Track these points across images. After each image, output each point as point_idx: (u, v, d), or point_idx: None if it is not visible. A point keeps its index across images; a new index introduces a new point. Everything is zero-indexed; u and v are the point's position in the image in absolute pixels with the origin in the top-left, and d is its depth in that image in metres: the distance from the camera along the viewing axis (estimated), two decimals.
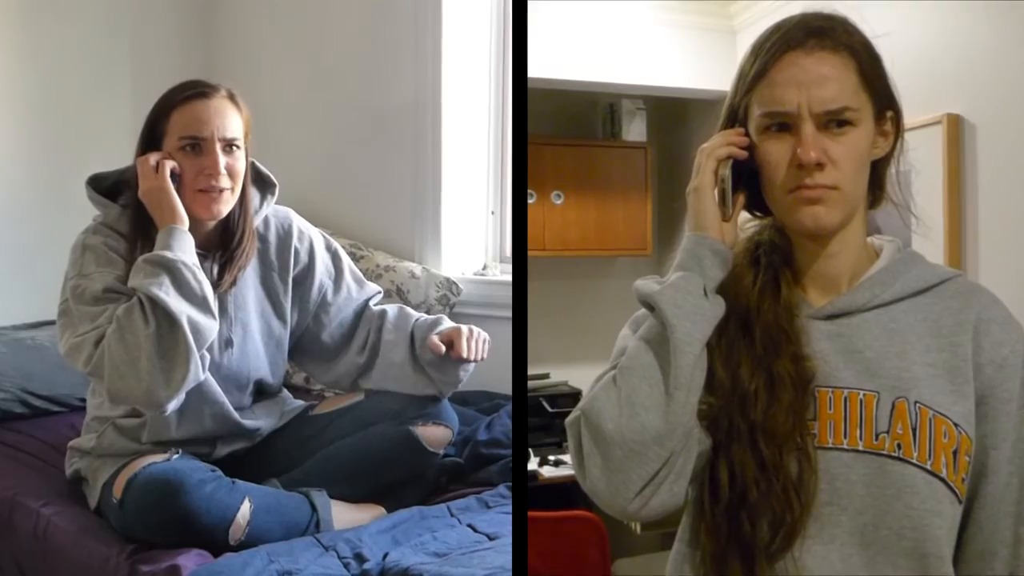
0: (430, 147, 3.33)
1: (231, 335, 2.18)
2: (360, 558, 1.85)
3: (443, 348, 2.20)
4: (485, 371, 3.07)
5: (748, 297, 1.27)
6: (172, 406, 1.96)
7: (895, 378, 1.21)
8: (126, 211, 2.13)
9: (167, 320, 1.90)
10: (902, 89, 1.28)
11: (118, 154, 3.69)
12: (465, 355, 2.22)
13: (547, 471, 3.69)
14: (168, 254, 1.97)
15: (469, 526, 2.03)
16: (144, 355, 1.89)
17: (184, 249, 2.00)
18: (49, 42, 3.62)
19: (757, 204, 1.32)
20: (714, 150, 1.27)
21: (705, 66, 3.84)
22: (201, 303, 1.97)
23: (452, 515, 2.12)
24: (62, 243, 3.58)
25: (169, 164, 2.04)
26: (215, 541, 1.93)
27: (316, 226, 3.37)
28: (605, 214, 4.19)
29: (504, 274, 3.36)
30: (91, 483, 2.17)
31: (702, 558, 1.24)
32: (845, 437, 1.20)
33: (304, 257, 2.32)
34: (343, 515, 2.10)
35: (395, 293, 3.22)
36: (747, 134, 1.27)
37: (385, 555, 1.85)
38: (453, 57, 3.33)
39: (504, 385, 2.98)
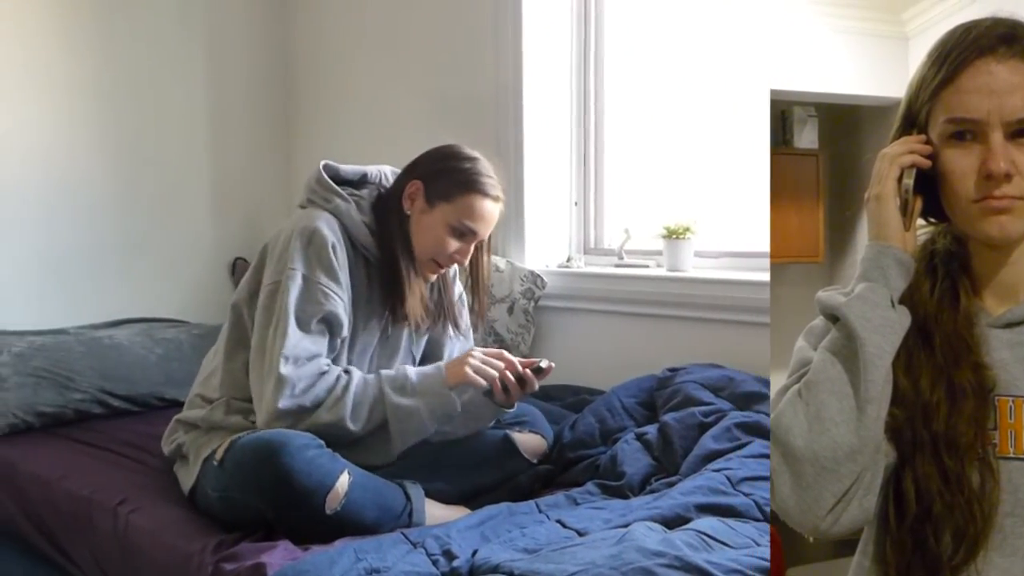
0: (512, 139, 3.30)
1: None
2: (449, 555, 1.80)
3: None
4: (571, 366, 3.00)
5: (926, 306, 1.25)
6: None
7: None
8: (358, 204, 2.22)
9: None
10: None
11: (196, 148, 3.69)
12: None
13: None
14: None
15: (558, 522, 1.99)
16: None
17: None
18: (123, 38, 3.64)
19: (932, 210, 1.28)
20: (897, 157, 1.23)
21: (877, 73, 3.80)
22: None
23: (540, 511, 2.08)
24: (137, 241, 3.59)
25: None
26: (311, 506, 1.92)
27: None
28: (777, 221, 4.15)
29: (589, 266, 3.30)
30: (191, 460, 2.18)
31: (887, 572, 1.22)
32: None
33: None
34: (433, 512, 2.10)
35: None
36: (927, 141, 1.24)
37: (474, 552, 1.81)
38: (534, 47, 3.30)
39: (590, 379, 2.92)
